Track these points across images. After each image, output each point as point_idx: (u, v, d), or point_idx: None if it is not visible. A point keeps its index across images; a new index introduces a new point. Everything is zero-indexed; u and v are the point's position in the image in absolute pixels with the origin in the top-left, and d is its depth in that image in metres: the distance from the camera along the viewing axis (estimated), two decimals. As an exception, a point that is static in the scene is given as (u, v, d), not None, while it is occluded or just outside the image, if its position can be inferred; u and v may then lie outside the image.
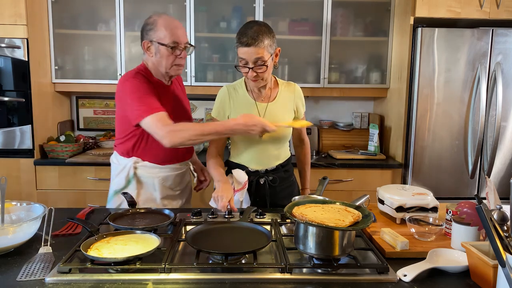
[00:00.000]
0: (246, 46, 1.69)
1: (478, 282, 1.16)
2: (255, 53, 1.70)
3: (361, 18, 3.20)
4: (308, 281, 1.17)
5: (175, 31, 1.77)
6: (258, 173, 1.93)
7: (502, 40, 2.81)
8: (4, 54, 2.77)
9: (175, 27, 1.79)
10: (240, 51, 1.72)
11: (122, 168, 1.88)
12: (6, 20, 2.74)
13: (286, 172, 2.00)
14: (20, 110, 2.83)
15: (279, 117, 1.90)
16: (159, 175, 1.88)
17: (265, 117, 1.86)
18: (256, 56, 1.70)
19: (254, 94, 1.91)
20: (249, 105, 1.89)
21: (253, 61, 1.72)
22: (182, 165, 1.97)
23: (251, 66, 1.73)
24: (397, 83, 3.09)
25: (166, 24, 1.78)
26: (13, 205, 1.50)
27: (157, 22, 1.80)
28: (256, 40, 1.69)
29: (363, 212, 1.32)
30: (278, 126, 1.73)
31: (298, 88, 1.99)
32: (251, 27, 1.72)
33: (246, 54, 1.71)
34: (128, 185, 1.87)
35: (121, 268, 1.18)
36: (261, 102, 1.90)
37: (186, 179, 2.04)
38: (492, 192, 1.39)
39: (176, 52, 1.79)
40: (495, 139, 2.84)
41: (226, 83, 3.12)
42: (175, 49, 1.78)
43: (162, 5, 3.10)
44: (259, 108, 1.89)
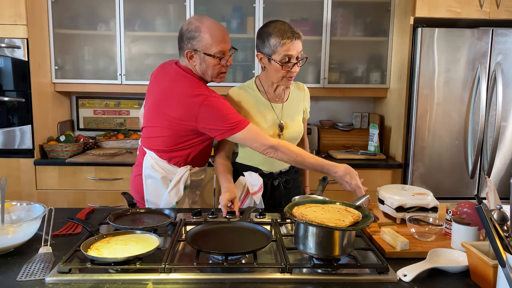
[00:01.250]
0: (294, 40, 1.72)
1: (478, 282, 1.16)
2: (300, 46, 1.75)
3: (361, 18, 3.20)
4: (308, 281, 1.17)
5: (221, 39, 1.71)
6: (272, 175, 1.91)
7: (502, 40, 2.81)
8: (4, 54, 2.77)
9: (221, 34, 1.72)
10: (286, 47, 1.71)
11: (180, 178, 1.78)
12: (6, 20, 2.74)
13: (296, 173, 2.00)
14: (20, 110, 2.83)
15: (294, 117, 1.91)
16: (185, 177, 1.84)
17: (282, 118, 1.88)
18: (300, 49, 1.75)
19: (268, 95, 1.89)
20: (265, 106, 1.87)
21: (298, 55, 1.75)
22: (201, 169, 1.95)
23: (296, 61, 1.75)
24: (397, 83, 3.09)
25: (211, 31, 1.70)
26: (13, 205, 1.50)
27: (200, 29, 1.71)
28: (298, 33, 1.75)
29: (363, 212, 1.32)
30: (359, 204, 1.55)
31: (306, 88, 2.04)
32: (282, 23, 1.76)
33: (294, 48, 1.73)
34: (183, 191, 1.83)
35: (121, 268, 1.18)
36: (275, 102, 1.90)
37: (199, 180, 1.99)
38: (492, 192, 1.39)
39: (222, 61, 1.75)
40: (495, 139, 2.84)
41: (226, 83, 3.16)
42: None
43: (162, 5, 3.10)
44: (275, 109, 1.88)
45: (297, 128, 1.92)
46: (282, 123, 1.87)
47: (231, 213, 1.66)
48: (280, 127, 1.87)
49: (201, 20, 1.73)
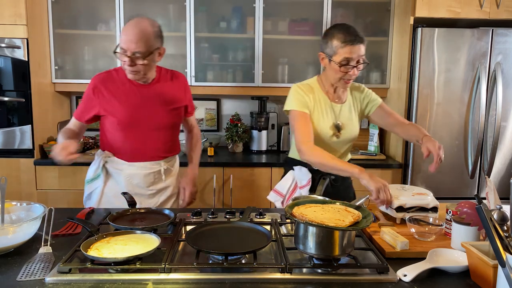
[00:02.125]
0: (355, 43, 1.74)
1: (478, 282, 1.16)
2: (361, 51, 1.76)
3: (361, 18, 3.20)
4: (308, 281, 1.17)
5: (125, 39, 1.74)
6: (321, 172, 1.91)
7: (502, 40, 2.81)
8: (4, 54, 2.77)
9: (128, 34, 1.74)
10: (346, 50, 1.74)
11: (95, 160, 1.99)
12: (6, 20, 2.74)
13: None
14: (20, 110, 2.83)
15: (351, 118, 1.94)
16: (126, 172, 1.93)
17: (340, 118, 1.91)
18: (361, 53, 1.76)
19: (329, 95, 1.91)
20: (327, 106, 1.90)
21: (357, 59, 1.76)
22: (153, 164, 1.96)
23: (355, 64, 1.76)
24: (397, 83, 3.09)
25: (124, 30, 1.76)
26: (13, 205, 1.50)
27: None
28: (362, 38, 1.75)
29: (363, 212, 1.32)
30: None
31: (366, 90, 2.02)
32: (350, 27, 1.77)
33: (355, 51, 1.74)
34: (97, 178, 1.97)
35: (121, 268, 1.18)
36: (335, 103, 1.92)
37: (166, 181, 2.02)
38: (492, 192, 1.39)
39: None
40: (495, 139, 2.84)
41: (226, 83, 3.17)
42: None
43: (162, 5, 3.10)
44: (335, 109, 1.91)
45: (354, 130, 1.95)
46: (339, 124, 1.90)
47: (231, 213, 1.66)
48: (337, 128, 1.90)
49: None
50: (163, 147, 1.99)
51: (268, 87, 3.15)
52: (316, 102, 1.89)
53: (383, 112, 1.98)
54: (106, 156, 1.95)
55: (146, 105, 1.90)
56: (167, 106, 1.95)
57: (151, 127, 1.92)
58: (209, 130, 3.48)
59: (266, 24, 3.11)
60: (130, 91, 1.89)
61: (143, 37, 1.75)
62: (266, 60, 3.14)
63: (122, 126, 1.90)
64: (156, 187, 1.99)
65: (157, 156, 1.97)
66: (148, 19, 1.81)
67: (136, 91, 1.90)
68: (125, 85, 1.89)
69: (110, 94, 1.88)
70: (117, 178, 1.96)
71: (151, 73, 1.90)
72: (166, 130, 1.97)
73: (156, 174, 1.98)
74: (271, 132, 3.28)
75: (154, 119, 1.92)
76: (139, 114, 1.89)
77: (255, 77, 3.14)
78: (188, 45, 3.08)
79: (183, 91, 2.03)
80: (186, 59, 3.09)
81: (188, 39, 3.07)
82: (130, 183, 1.94)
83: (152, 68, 1.89)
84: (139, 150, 1.93)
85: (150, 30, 1.78)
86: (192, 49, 3.08)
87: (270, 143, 3.29)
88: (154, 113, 1.92)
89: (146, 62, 1.78)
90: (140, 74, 1.83)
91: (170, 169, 2.05)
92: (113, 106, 1.88)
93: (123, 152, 1.94)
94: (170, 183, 2.05)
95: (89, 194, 2.00)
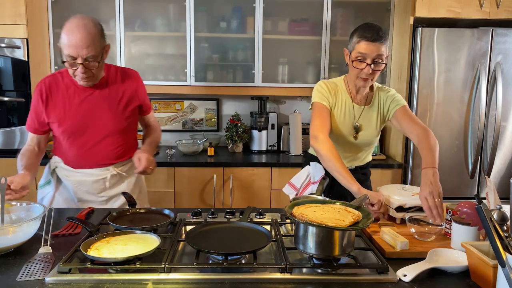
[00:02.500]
0: (371, 41, 1.71)
1: (478, 282, 1.16)
2: (378, 50, 1.72)
3: (361, 18, 3.19)
4: (308, 281, 1.17)
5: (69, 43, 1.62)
6: None
7: (502, 40, 2.81)
8: (4, 54, 2.77)
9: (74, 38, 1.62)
10: (362, 46, 1.73)
11: (47, 165, 1.94)
12: (6, 20, 2.74)
13: (363, 175, 2.00)
14: (20, 110, 2.83)
15: (371, 121, 1.91)
16: (73, 179, 1.87)
17: (359, 120, 1.89)
18: (378, 52, 1.73)
19: (352, 95, 1.90)
20: (348, 106, 1.89)
21: (373, 58, 1.73)
22: (102, 170, 1.87)
23: (370, 62, 1.74)
24: (397, 83, 3.08)
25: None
26: (13, 205, 1.50)
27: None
28: (381, 37, 1.72)
29: (363, 212, 1.32)
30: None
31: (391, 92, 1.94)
32: (373, 25, 1.75)
33: (370, 49, 1.72)
34: (49, 183, 1.93)
35: (121, 268, 1.18)
36: (358, 104, 1.90)
37: (119, 187, 1.93)
38: (492, 192, 1.39)
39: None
40: (495, 139, 2.84)
41: (226, 83, 3.17)
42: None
43: (162, 5, 3.10)
44: (355, 110, 1.90)
45: (373, 133, 1.93)
46: (357, 125, 1.89)
47: (231, 213, 1.66)
48: (355, 129, 1.89)
49: (71, 19, 1.66)
50: (113, 153, 1.88)
51: (268, 87, 3.15)
52: (338, 100, 1.89)
53: (402, 115, 1.87)
54: (55, 162, 1.90)
55: (93, 111, 1.79)
56: (117, 109, 1.84)
57: (99, 134, 1.82)
58: (209, 130, 3.49)
59: (266, 24, 3.11)
60: (76, 97, 1.78)
61: (92, 39, 1.63)
62: (266, 60, 3.14)
63: (67, 134, 1.80)
64: (107, 193, 1.90)
65: (107, 163, 1.87)
66: (89, 18, 1.69)
67: (82, 96, 1.78)
68: (70, 90, 1.78)
69: (55, 100, 1.77)
70: (66, 185, 1.89)
71: (101, 74, 1.80)
72: (117, 135, 1.86)
73: (106, 180, 1.88)
74: (271, 132, 3.28)
75: (102, 126, 1.81)
76: (85, 121, 1.79)
77: (255, 77, 3.14)
78: (188, 45, 3.08)
79: (134, 90, 1.89)
80: (186, 59, 3.09)
81: (188, 39, 3.07)
82: (79, 190, 1.87)
83: (102, 68, 1.79)
84: (85, 158, 1.84)
85: (96, 30, 1.67)
86: (192, 49, 3.08)
87: (270, 143, 3.29)
88: (102, 119, 1.81)
89: (99, 64, 1.69)
90: (93, 79, 1.74)
91: (122, 174, 1.92)
92: (58, 114, 1.77)
93: (69, 159, 1.86)
94: (124, 189, 1.92)
95: (41, 199, 1.93)
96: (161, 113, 3.46)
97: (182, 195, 2.92)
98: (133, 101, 1.89)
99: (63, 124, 1.78)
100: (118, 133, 1.86)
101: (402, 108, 1.88)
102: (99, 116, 1.81)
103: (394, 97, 1.91)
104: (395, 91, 1.97)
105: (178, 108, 3.47)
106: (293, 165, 2.94)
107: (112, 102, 1.83)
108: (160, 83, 3.12)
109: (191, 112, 3.48)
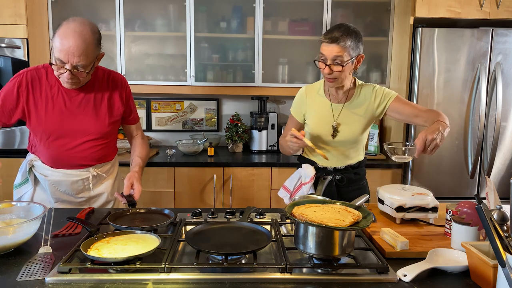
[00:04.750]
0: (328, 42, 1.74)
1: (478, 282, 1.16)
2: (334, 51, 1.73)
3: (361, 18, 3.20)
4: (308, 281, 1.17)
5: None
6: (326, 170, 1.94)
7: (502, 40, 2.81)
8: (4, 54, 2.77)
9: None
10: (322, 47, 1.77)
11: (23, 163, 1.87)
12: (6, 20, 2.74)
13: (356, 175, 1.99)
14: (20, 110, 2.83)
15: (353, 119, 1.90)
16: (51, 178, 1.81)
17: (339, 119, 1.90)
18: (335, 54, 1.74)
19: (330, 96, 1.92)
20: (325, 107, 1.92)
21: (332, 59, 1.75)
22: (82, 171, 1.82)
23: (328, 63, 1.76)
24: (397, 83, 3.09)
25: (61, 36, 1.59)
26: (13, 205, 1.50)
27: (57, 30, 1.62)
28: (339, 39, 1.73)
29: (363, 212, 1.32)
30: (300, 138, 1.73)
31: (378, 88, 1.93)
32: (339, 26, 1.78)
33: (327, 50, 1.75)
34: (26, 182, 1.86)
35: (121, 268, 1.18)
36: (336, 103, 1.92)
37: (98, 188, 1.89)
38: (492, 192, 1.39)
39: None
40: (495, 139, 2.84)
41: (226, 83, 3.17)
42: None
43: (162, 5, 3.10)
44: (334, 109, 1.91)
45: (355, 131, 1.90)
46: (335, 124, 1.89)
47: (231, 213, 1.66)
48: (333, 128, 1.90)
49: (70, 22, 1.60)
50: (94, 155, 1.83)
51: (268, 87, 3.15)
52: (314, 103, 1.93)
53: (399, 104, 1.86)
54: (31, 160, 1.82)
55: (76, 113, 1.75)
56: (100, 112, 1.79)
57: (80, 136, 1.77)
58: (209, 130, 3.49)
59: (266, 24, 3.11)
60: (59, 97, 1.72)
61: (86, 48, 1.57)
62: (266, 60, 3.14)
63: (47, 134, 1.74)
64: (86, 194, 1.86)
65: (86, 164, 1.82)
66: (88, 24, 1.61)
67: (66, 97, 1.73)
68: (53, 89, 1.72)
69: (36, 96, 1.70)
70: (43, 184, 1.83)
71: (87, 79, 1.73)
72: (98, 139, 1.81)
73: (85, 181, 1.83)
74: (271, 132, 3.28)
75: (84, 128, 1.77)
76: (67, 123, 1.74)
77: (255, 77, 3.14)
78: (188, 45, 3.08)
79: (120, 95, 1.85)
80: (186, 59, 3.09)
81: (188, 39, 3.07)
82: (56, 190, 1.82)
83: (90, 74, 1.72)
84: (64, 158, 1.78)
85: (92, 39, 1.60)
86: (192, 49, 3.08)
87: (270, 143, 3.29)
88: (84, 121, 1.76)
89: (88, 73, 1.65)
90: (78, 84, 1.69)
91: (101, 175, 1.88)
92: (39, 111, 1.71)
93: (48, 158, 1.79)
94: (104, 190, 1.90)
95: (18, 199, 1.86)
96: (161, 113, 3.46)
97: (182, 195, 2.92)
98: (118, 105, 1.85)
99: (43, 124, 1.72)
100: (100, 136, 1.81)
101: (396, 99, 1.88)
102: (82, 119, 1.76)
103: (383, 92, 1.91)
104: (378, 86, 1.95)
105: (178, 108, 3.47)
106: (293, 165, 2.94)
107: (96, 105, 1.79)
108: (160, 83, 3.12)
109: (191, 112, 3.48)
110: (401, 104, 1.86)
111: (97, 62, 1.70)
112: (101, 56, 1.71)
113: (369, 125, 1.95)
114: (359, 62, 1.84)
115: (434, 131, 1.53)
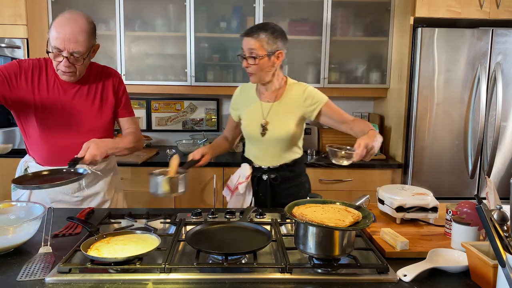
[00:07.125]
0: (245, 36, 1.82)
1: (478, 282, 1.16)
2: (249, 44, 1.80)
3: (361, 18, 3.20)
4: (308, 281, 1.17)
5: (57, 36, 1.63)
6: (261, 170, 1.97)
7: (502, 40, 2.81)
8: (4, 54, 2.77)
9: (62, 31, 1.64)
10: (242, 41, 1.84)
11: (19, 165, 1.87)
12: (6, 20, 2.74)
13: (292, 172, 1.99)
14: (20, 110, 2.83)
15: (283, 118, 1.90)
16: None
17: (268, 117, 1.90)
18: (249, 47, 1.80)
19: (261, 95, 1.95)
20: (256, 105, 1.95)
21: (248, 52, 1.81)
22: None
23: (246, 55, 1.82)
24: (397, 83, 3.09)
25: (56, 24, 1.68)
26: (13, 205, 1.50)
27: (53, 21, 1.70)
28: (253, 33, 1.80)
29: (363, 212, 1.32)
30: None
31: (309, 90, 1.93)
32: (261, 24, 1.85)
33: (244, 43, 1.82)
34: None
35: (121, 268, 1.18)
36: (267, 102, 1.93)
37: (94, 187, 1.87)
38: (492, 192, 1.39)
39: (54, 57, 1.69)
40: (495, 139, 2.84)
41: (226, 83, 3.17)
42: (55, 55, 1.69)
43: (162, 5, 3.10)
44: (263, 108, 1.93)
45: (284, 129, 1.90)
46: (264, 123, 1.91)
47: (231, 213, 1.66)
48: (262, 127, 1.91)
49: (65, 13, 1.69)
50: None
51: (268, 87, 3.15)
52: (246, 101, 2.00)
53: (329, 110, 1.90)
54: (26, 161, 1.83)
55: (71, 107, 1.76)
56: (94, 107, 1.81)
57: (75, 131, 1.77)
58: (209, 130, 3.49)
59: (266, 24, 3.11)
60: (55, 90, 1.74)
61: (82, 35, 1.62)
62: (266, 60, 3.14)
63: (43, 127, 1.75)
64: (82, 193, 1.85)
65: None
66: (83, 14, 1.68)
67: (62, 90, 1.75)
68: (50, 81, 1.75)
69: (32, 86, 1.72)
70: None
71: (83, 72, 1.77)
72: (93, 134, 1.77)
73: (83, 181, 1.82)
74: (271, 132, 3.28)
75: (79, 123, 1.77)
76: (63, 116, 1.75)
77: (255, 77, 3.13)
78: (188, 45, 3.08)
79: (111, 90, 1.86)
80: (186, 59, 3.09)
81: (188, 39, 3.07)
82: (52, 190, 1.77)
83: (86, 67, 1.76)
84: (59, 155, 1.75)
85: (87, 27, 1.66)
86: (192, 49, 3.08)
87: (270, 143, 3.29)
88: (79, 116, 1.77)
89: (84, 62, 1.68)
90: (75, 76, 1.71)
91: (97, 174, 1.86)
92: (31, 102, 1.71)
93: (43, 157, 1.79)
94: (100, 189, 1.88)
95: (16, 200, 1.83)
96: (161, 113, 3.46)
97: (182, 195, 2.90)
98: (110, 98, 1.86)
99: (39, 115, 1.73)
100: (95, 132, 1.80)
101: (327, 104, 1.90)
102: (77, 113, 1.77)
103: (314, 94, 1.91)
104: (312, 87, 1.95)
105: (178, 108, 3.47)
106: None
107: (91, 100, 1.81)
108: (160, 83, 3.12)
109: (191, 112, 3.48)
110: (331, 110, 1.91)
111: (92, 54, 1.75)
112: (96, 47, 1.75)
113: (300, 124, 1.95)
114: (278, 58, 1.86)
115: (373, 139, 1.56)
